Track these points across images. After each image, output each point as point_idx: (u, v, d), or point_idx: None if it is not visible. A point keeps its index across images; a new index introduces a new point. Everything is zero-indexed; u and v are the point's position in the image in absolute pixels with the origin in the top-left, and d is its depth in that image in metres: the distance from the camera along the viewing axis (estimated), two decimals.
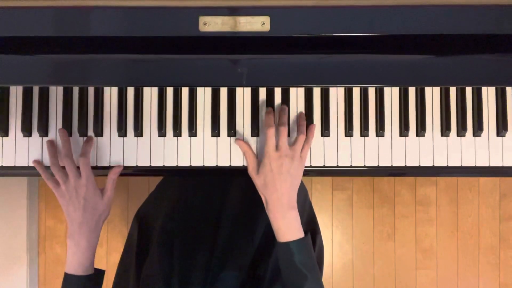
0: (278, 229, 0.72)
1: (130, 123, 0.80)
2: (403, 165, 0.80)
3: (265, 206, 0.74)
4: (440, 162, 0.80)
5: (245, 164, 0.80)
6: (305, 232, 0.74)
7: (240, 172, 0.79)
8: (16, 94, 0.80)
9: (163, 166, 0.80)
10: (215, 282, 0.75)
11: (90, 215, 0.74)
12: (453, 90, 0.81)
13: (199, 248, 0.81)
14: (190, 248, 0.81)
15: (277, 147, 0.74)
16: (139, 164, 0.80)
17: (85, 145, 0.78)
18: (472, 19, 0.67)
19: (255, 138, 0.80)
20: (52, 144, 0.79)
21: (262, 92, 0.81)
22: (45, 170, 0.78)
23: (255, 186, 0.75)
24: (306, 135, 0.77)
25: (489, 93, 0.81)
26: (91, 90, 0.80)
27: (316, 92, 0.81)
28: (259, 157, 0.79)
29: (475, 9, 0.67)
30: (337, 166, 0.81)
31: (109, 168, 0.79)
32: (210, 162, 0.80)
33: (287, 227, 0.72)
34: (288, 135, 0.78)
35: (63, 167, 0.76)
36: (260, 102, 0.81)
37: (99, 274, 0.77)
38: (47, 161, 0.80)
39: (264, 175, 0.73)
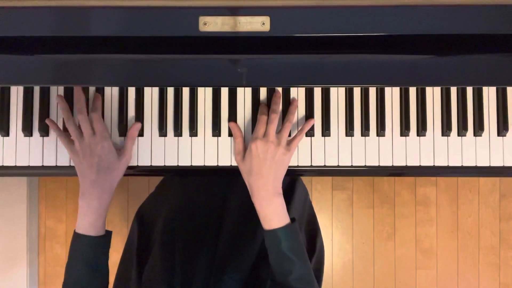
0: (264, 216, 0.71)
1: (131, 123, 0.80)
2: (404, 165, 0.80)
3: (250, 194, 0.73)
4: (441, 162, 0.80)
5: None
6: (292, 219, 0.73)
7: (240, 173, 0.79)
8: (17, 94, 0.80)
9: (164, 166, 0.80)
10: (217, 285, 0.75)
11: (103, 174, 0.72)
12: (453, 90, 0.81)
13: (201, 250, 0.80)
14: (192, 250, 0.81)
15: (265, 134, 0.73)
16: (139, 164, 0.80)
17: (95, 101, 0.77)
18: (472, 19, 0.67)
19: None
20: (63, 100, 0.77)
21: (263, 92, 0.81)
22: (59, 128, 0.77)
23: (241, 172, 0.75)
24: (302, 127, 0.77)
25: (489, 93, 0.81)
26: (91, 90, 0.80)
27: (317, 92, 0.81)
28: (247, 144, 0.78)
29: (475, 9, 0.67)
30: (338, 166, 0.80)
31: None
32: (211, 162, 0.80)
33: (273, 214, 0.71)
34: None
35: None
36: (260, 102, 0.81)
37: (108, 235, 0.75)
38: (47, 160, 0.80)
39: (249, 160, 0.72)
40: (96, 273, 0.72)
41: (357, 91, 0.81)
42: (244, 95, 0.81)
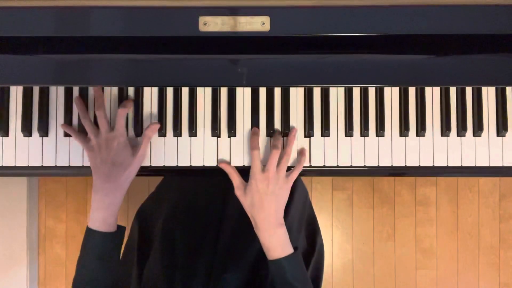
0: (268, 247, 0.73)
1: (130, 123, 0.80)
2: (403, 165, 0.80)
3: (253, 226, 0.74)
4: (440, 162, 0.80)
5: (245, 164, 0.80)
6: (295, 248, 0.74)
7: (240, 172, 0.79)
8: (16, 94, 0.80)
9: (163, 166, 0.80)
10: (218, 283, 0.75)
11: (117, 170, 0.72)
12: (453, 90, 0.81)
13: (201, 248, 0.81)
14: (192, 248, 0.81)
15: (264, 168, 0.74)
16: None
17: (125, 101, 0.78)
18: (472, 19, 0.67)
19: None
20: (80, 100, 0.78)
21: (262, 92, 0.81)
22: (73, 128, 0.78)
23: (243, 205, 0.75)
24: (299, 161, 0.78)
25: (489, 93, 0.81)
26: (91, 90, 0.80)
27: (316, 92, 0.81)
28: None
29: (475, 9, 0.67)
30: (337, 166, 0.80)
31: None
32: (210, 162, 0.80)
33: (276, 245, 0.72)
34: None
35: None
36: (260, 102, 0.81)
37: (121, 231, 0.76)
38: (46, 160, 0.80)
39: (251, 195, 0.73)
40: (107, 266, 0.73)
41: (356, 91, 0.81)
42: (243, 95, 0.81)
